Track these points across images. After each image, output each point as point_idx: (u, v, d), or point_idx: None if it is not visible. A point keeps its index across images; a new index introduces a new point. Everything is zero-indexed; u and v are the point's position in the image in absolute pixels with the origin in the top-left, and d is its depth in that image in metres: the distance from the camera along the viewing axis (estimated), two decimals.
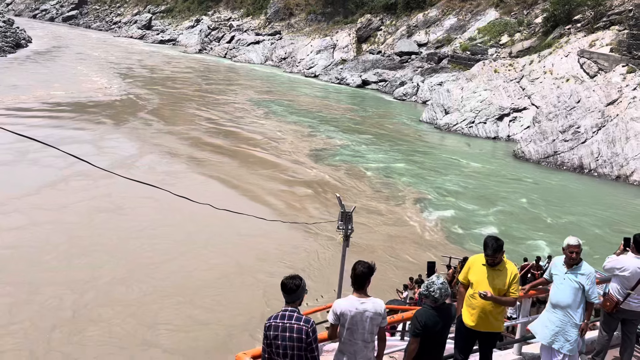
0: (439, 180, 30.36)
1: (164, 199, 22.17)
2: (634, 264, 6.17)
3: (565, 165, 34.15)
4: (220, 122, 41.17)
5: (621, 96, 36.02)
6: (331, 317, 4.70)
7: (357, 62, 69.89)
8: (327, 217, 22.26)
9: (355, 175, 30.37)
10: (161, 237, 19.12)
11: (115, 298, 14.85)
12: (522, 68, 46.05)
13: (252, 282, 16.51)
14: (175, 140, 34.51)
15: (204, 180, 26.55)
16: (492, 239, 5.41)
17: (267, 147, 35.03)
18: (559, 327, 5.63)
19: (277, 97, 55.11)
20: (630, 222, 25.23)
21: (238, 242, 19.31)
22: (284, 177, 28.91)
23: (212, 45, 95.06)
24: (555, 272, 5.77)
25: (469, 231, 23.15)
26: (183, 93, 53.09)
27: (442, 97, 46.69)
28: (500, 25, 58.49)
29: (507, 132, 41.55)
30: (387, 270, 18.03)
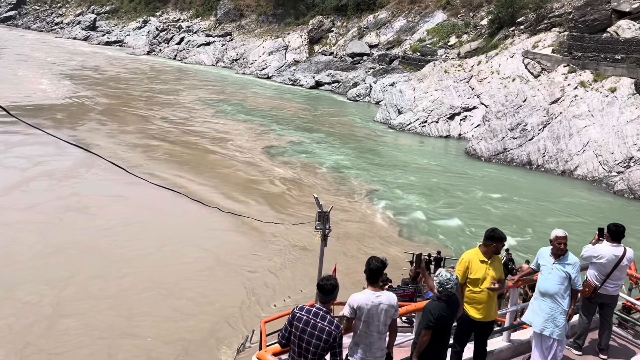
0: (394, 177, 31.11)
1: (133, 197, 22.83)
2: (610, 252, 6.65)
3: (514, 162, 35.54)
4: (173, 123, 40.76)
5: (564, 95, 37.81)
6: (347, 311, 4.85)
7: (310, 64, 70.22)
8: (292, 214, 22.48)
9: (312, 173, 30.84)
10: (134, 233, 19.25)
11: (93, 293, 14.94)
12: (470, 68, 47.55)
13: (234, 275, 16.76)
14: (131, 141, 33.81)
15: (168, 181, 26.12)
16: (499, 231, 5.78)
17: (223, 146, 35.15)
18: (549, 314, 6.00)
19: (229, 97, 54.80)
20: (573, 212, 26.70)
21: (214, 237, 19.59)
22: (244, 175, 29.04)
23: (161, 46, 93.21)
24: (542, 262, 6.11)
25: (426, 224, 23.81)
26: (132, 95, 51.91)
27: (395, 98, 47.60)
28: (448, 27, 60.15)
29: (458, 131, 42.82)
30: (353, 264, 18.21)
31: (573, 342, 7.00)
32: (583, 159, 33.65)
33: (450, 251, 20.57)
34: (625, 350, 7.14)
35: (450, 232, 23.31)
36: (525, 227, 24.29)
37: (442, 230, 23.52)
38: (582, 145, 34.27)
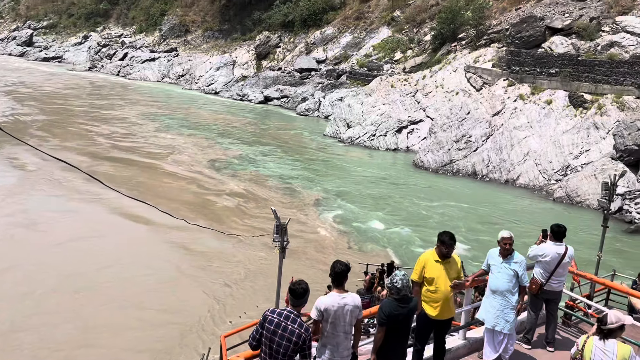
0: (343, 188, 31.59)
1: (84, 212, 22.73)
2: (553, 250, 7.10)
3: (460, 173, 36.69)
4: (116, 138, 39.99)
5: (504, 107, 39.49)
6: (315, 313, 4.94)
7: (258, 79, 70.27)
8: (248, 226, 22.39)
9: (262, 185, 30.99)
10: (88, 248, 18.98)
11: (49, 308, 14.74)
12: (416, 83, 48.91)
13: (190, 292, 16.63)
14: (74, 157, 32.73)
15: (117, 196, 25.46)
16: (450, 233, 6.05)
17: (169, 160, 34.95)
18: (500, 311, 6.35)
19: (175, 112, 54.05)
20: (516, 218, 27.87)
21: (171, 251, 19.50)
22: (195, 189, 28.79)
23: (104, 62, 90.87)
24: (492, 262, 6.51)
25: (375, 234, 24.22)
26: (73, 111, 50.30)
27: (344, 112, 48.28)
28: (393, 43, 61.71)
29: (406, 144, 43.83)
30: (307, 276, 18.23)
31: (522, 336, 7.37)
32: (524, 168, 35.14)
33: (396, 258, 20.94)
34: (570, 343, 7.53)
35: (397, 240, 23.81)
36: (469, 233, 25.18)
37: (390, 238, 24.04)
38: (522, 155, 35.80)
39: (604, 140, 33.49)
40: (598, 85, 36.70)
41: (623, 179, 29.46)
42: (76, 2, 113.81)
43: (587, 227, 25.86)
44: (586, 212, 28.98)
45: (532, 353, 7.02)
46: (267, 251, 19.74)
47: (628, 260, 21.58)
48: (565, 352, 7.24)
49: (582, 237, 23.75)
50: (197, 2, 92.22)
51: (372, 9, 70.90)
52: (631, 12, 40.24)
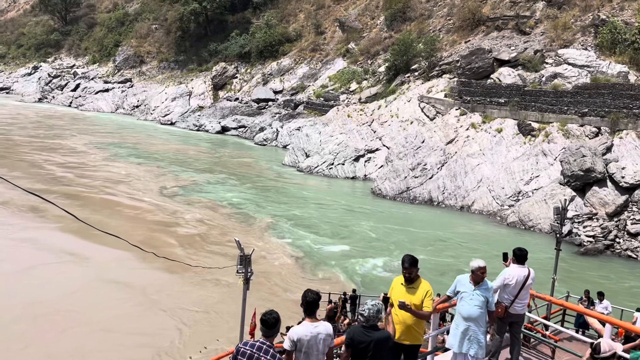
0: (302, 216, 31.72)
1: (43, 240, 22.52)
2: (517, 273, 7.31)
3: (417, 200, 37.37)
4: (67, 167, 39.33)
5: (457, 136, 40.74)
6: (287, 344, 4.90)
7: (215, 109, 70.08)
8: (209, 256, 21.95)
9: (220, 213, 30.92)
10: (49, 276, 18.84)
11: (14, 333, 14.74)
12: (372, 112, 49.91)
13: (155, 322, 16.51)
14: (25, 186, 31.59)
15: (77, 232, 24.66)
16: (409, 256, 6.16)
17: (125, 190, 34.49)
18: (473, 336, 6.44)
19: (128, 142, 53.15)
20: (471, 243, 28.51)
21: (130, 285, 19.17)
22: (152, 218, 28.28)
23: (54, 93, 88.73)
24: (462, 289, 6.56)
25: (332, 261, 24.26)
26: (21, 141, 48.69)
27: (302, 142, 48.63)
28: (348, 74, 62.99)
29: (364, 172, 44.42)
30: (268, 306, 18.02)
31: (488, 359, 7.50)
32: (478, 195, 36.14)
33: (353, 285, 21.05)
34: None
35: (355, 267, 23.97)
36: (426, 257, 25.49)
37: (347, 265, 24.24)
38: (476, 181, 36.87)
39: (552, 167, 34.94)
40: (544, 114, 38.45)
41: (572, 203, 30.74)
42: (26, 32, 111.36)
43: (539, 250, 26.71)
44: (538, 236, 29.95)
45: None
46: (227, 282, 19.46)
47: (579, 281, 22.36)
48: None
49: (536, 260, 24.49)
50: (152, 33, 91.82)
51: (327, 41, 72.40)
52: (572, 45, 42.63)
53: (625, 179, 30.73)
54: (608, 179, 31.48)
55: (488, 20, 51.19)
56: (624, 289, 23.21)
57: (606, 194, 30.78)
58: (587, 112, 36.46)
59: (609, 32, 40.27)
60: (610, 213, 30.06)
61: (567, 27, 44.26)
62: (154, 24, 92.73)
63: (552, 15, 46.59)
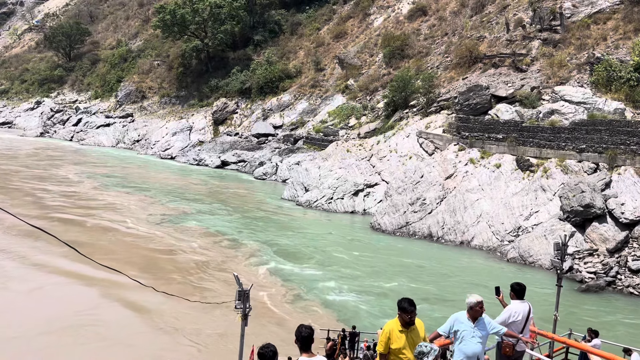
0: (301, 250, 31.60)
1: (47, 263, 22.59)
2: (521, 309, 7.18)
3: (417, 235, 37.20)
4: (64, 197, 39.44)
5: (456, 171, 40.87)
6: None
7: (215, 144, 70.54)
8: (206, 289, 21.68)
9: (216, 243, 31.45)
10: (61, 295, 19.54)
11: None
12: (370, 147, 50.21)
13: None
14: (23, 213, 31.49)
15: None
16: (407, 300, 5.94)
17: (120, 218, 34.89)
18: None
19: (129, 176, 53.26)
20: (472, 279, 28.19)
21: (127, 320, 18.99)
22: (149, 246, 28.18)
23: (56, 128, 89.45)
24: (462, 327, 6.33)
25: (330, 297, 23.96)
26: (24, 176, 48.81)
27: (302, 176, 48.77)
28: (347, 109, 63.70)
29: (363, 207, 44.36)
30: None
31: None
32: (478, 230, 35.99)
33: (347, 323, 20.68)
34: None
35: (353, 304, 23.62)
36: (423, 294, 25.36)
37: (345, 301, 23.88)
38: (476, 217, 36.77)
39: (551, 202, 34.92)
40: (542, 149, 38.68)
41: (572, 239, 30.59)
42: (30, 68, 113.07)
43: (540, 286, 26.42)
44: (539, 272, 29.68)
45: None
46: (224, 317, 19.17)
47: (581, 318, 22.04)
48: None
49: (537, 296, 24.20)
50: (154, 69, 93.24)
51: (326, 77, 73.47)
52: (568, 82, 43.24)
53: (625, 215, 30.68)
54: (608, 214, 31.42)
55: (485, 57, 52.06)
56: (626, 326, 22.86)
57: (606, 230, 30.67)
58: (585, 148, 36.69)
59: (605, 69, 40.90)
60: (611, 249, 29.88)
61: (563, 64, 44.97)
62: (156, 60, 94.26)
63: (548, 53, 47.40)
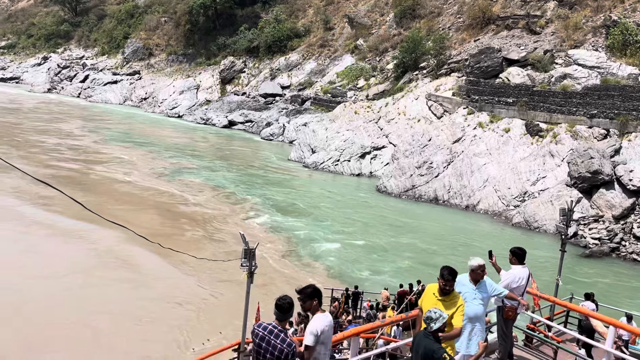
0: (304, 209, 32.02)
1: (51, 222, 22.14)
2: (523, 274, 7.24)
3: (422, 198, 37.28)
4: (75, 153, 39.22)
5: (464, 135, 40.59)
6: (311, 339, 4.90)
7: (222, 103, 70.16)
8: (215, 246, 22.05)
9: (221, 199, 32.03)
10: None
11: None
12: (379, 110, 49.79)
13: (154, 318, 16.42)
14: (38, 171, 31.86)
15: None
16: (449, 268, 5.88)
17: (128, 174, 35.53)
18: (476, 335, 6.37)
19: (137, 133, 53.33)
20: (475, 242, 28.34)
21: (136, 272, 18.95)
22: (157, 199, 28.41)
23: (63, 84, 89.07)
24: (463, 290, 6.35)
25: (333, 256, 24.26)
26: (32, 130, 48.96)
27: (309, 137, 48.60)
28: (356, 70, 62.85)
29: (369, 169, 44.34)
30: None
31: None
32: (484, 194, 36.00)
33: (362, 284, 20.98)
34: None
35: (356, 263, 23.91)
36: (422, 254, 25.81)
37: (347, 260, 24.18)
38: (482, 181, 36.72)
39: (559, 168, 34.74)
40: (552, 114, 38.22)
41: (578, 205, 30.58)
42: (36, 23, 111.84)
43: (544, 251, 26.59)
44: (543, 237, 29.82)
45: None
46: (232, 274, 19.49)
47: (583, 283, 22.24)
48: None
49: (540, 260, 24.40)
50: (161, 26, 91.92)
51: (336, 37, 72.23)
52: (582, 45, 42.31)
53: (633, 182, 30.51)
54: (615, 181, 31.26)
55: (498, 19, 50.86)
56: (627, 291, 23.08)
57: (613, 197, 30.59)
58: (596, 113, 36.22)
59: (620, 33, 39.93)
60: (617, 216, 29.87)
61: (578, 27, 43.90)
62: (163, 17, 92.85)
63: (564, 15, 46.22)
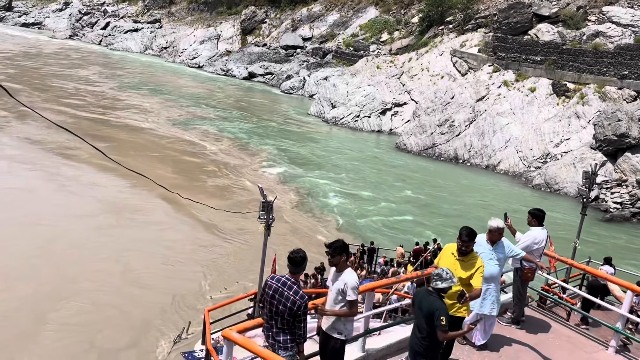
0: (325, 166, 31.85)
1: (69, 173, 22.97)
2: (543, 235, 7.17)
3: (442, 157, 36.92)
4: (94, 103, 39.54)
5: (488, 93, 39.71)
6: (355, 294, 4.97)
7: (243, 54, 69.40)
8: (233, 198, 22.28)
9: (237, 149, 32.68)
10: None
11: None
12: (402, 65, 48.81)
13: (172, 267, 16.79)
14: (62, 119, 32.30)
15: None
16: (468, 229, 5.76)
17: (148, 122, 35.58)
18: (494, 296, 6.37)
19: (161, 83, 53.26)
20: (494, 202, 28.24)
21: (154, 224, 19.51)
22: (176, 147, 28.72)
23: (85, 31, 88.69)
24: (480, 250, 6.27)
25: (357, 218, 24.36)
26: (52, 75, 49.20)
27: (329, 92, 48.05)
28: (380, 23, 61.34)
29: (389, 126, 43.89)
30: None
31: (512, 319, 7.47)
32: (505, 155, 35.51)
33: (378, 240, 21.09)
34: (547, 325, 7.76)
35: (376, 220, 24.00)
36: (438, 212, 25.77)
37: (370, 218, 24.22)
38: (504, 141, 36.15)
39: (585, 130, 33.97)
40: (581, 74, 37.08)
41: (601, 168, 30.01)
42: None
43: (564, 213, 26.36)
44: (563, 200, 29.50)
45: (520, 334, 7.12)
46: (249, 227, 19.75)
47: (602, 247, 22.08)
48: (544, 330, 7.47)
49: (559, 223, 24.22)
50: None
51: None
52: (618, 2, 40.53)
53: None
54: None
55: None
56: None
57: (639, 161, 29.92)
58: (628, 74, 35.02)
59: None
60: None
61: None
62: None
63: None
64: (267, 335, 4.82)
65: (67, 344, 12.17)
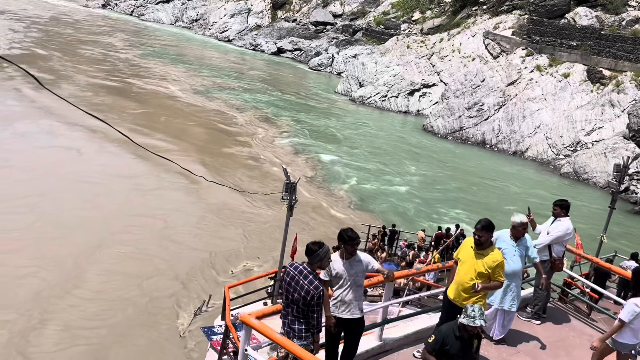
0: (350, 146, 31.78)
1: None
2: (571, 226, 7.11)
3: (470, 140, 36.44)
4: (133, 73, 39.85)
5: (520, 77, 38.83)
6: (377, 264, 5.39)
7: (272, 29, 69.02)
8: (250, 178, 22.43)
9: (262, 121, 33.84)
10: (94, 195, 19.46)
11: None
12: (432, 45, 47.96)
13: (196, 241, 17.12)
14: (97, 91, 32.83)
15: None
16: (484, 220, 5.61)
17: (180, 97, 35.52)
18: (515, 292, 6.36)
19: (195, 58, 53.49)
20: (520, 190, 27.86)
21: (178, 202, 19.99)
22: (212, 119, 29.30)
23: (117, 1, 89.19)
24: (503, 245, 6.23)
25: (378, 198, 24.34)
26: (95, 52, 49.81)
27: (357, 70, 47.59)
28: (412, 2, 60.19)
29: (417, 107, 43.39)
30: (309, 234, 18.49)
31: (533, 313, 7.41)
32: (534, 141, 34.87)
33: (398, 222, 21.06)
34: (567, 319, 7.69)
35: (397, 202, 23.96)
36: (461, 197, 25.54)
37: (391, 200, 24.17)
38: (534, 127, 35.46)
39: (618, 119, 33.05)
40: (618, 61, 35.92)
41: (633, 160, 29.25)
42: None
43: (591, 203, 25.89)
44: (591, 190, 28.93)
45: (539, 329, 7.08)
46: (273, 207, 19.90)
47: (629, 240, 21.67)
48: (564, 326, 7.41)
49: (586, 213, 23.81)
50: None
51: None
52: None
53: None
54: None
55: None
56: None
57: None
58: None
59: None
60: None
61: None
62: None
63: None
64: (284, 322, 4.90)
65: (112, 288, 13.35)
